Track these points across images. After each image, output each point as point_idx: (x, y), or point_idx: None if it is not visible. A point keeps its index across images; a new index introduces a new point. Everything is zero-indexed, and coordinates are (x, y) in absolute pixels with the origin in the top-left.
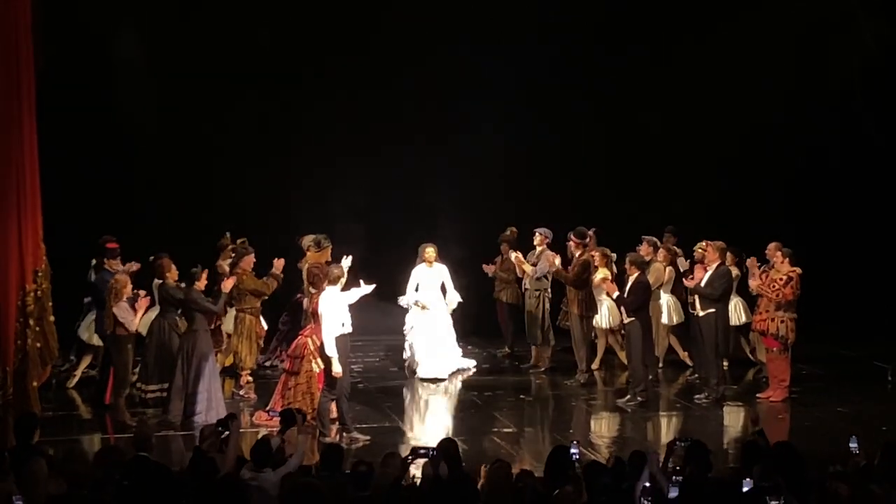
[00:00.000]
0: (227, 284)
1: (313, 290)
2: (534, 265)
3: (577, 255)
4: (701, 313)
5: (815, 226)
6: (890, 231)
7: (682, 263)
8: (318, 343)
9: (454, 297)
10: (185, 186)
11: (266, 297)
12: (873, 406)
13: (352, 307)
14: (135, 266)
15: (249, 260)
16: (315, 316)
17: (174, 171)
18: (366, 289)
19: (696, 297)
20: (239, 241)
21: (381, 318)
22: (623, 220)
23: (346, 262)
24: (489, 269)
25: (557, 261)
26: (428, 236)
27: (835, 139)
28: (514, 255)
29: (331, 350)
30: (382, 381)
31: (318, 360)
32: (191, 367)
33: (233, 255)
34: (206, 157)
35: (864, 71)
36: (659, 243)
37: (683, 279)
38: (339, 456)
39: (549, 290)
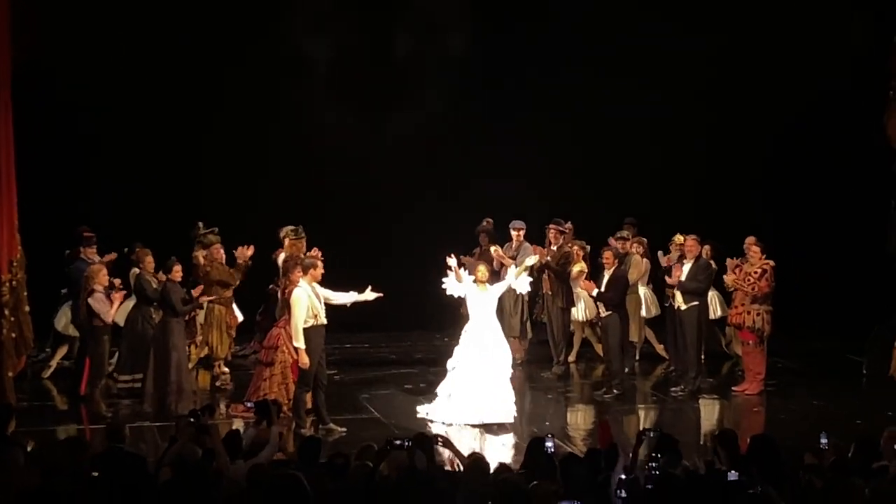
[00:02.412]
0: (197, 291)
1: (286, 280)
2: (512, 258)
3: (557, 244)
4: (684, 307)
5: (790, 219)
6: (866, 225)
7: (666, 259)
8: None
9: (522, 285)
10: (162, 176)
11: (233, 287)
12: (848, 399)
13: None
14: (111, 256)
15: (218, 249)
16: (288, 307)
17: (151, 161)
18: (367, 295)
19: (678, 290)
20: (208, 231)
21: None
22: (593, 214)
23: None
24: (468, 260)
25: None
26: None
27: (816, 133)
28: (494, 249)
29: (299, 341)
30: (359, 372)
31: (292, 350)
32: (162, 358)
33: (199, 244)
34: (183, 146)
35: (853, 67)
36: (630, 236)
37: (666, 277)
38: (318, 448)
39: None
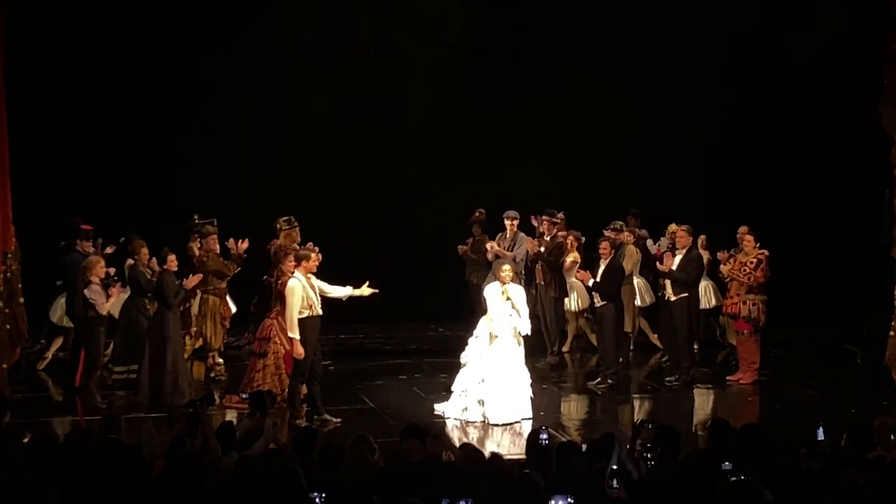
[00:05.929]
0: (191, 283)
1: (278, 271)
2: (508, 248)
3: (548, 235)
4: (673, 298)
5: (784, 208)
6: (861, 215)
7: (656, 248)
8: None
9: (524, 326)
10: (158, 167)
11: (228, 278)
12: (842, 388)
13: None
14: (109, 249)
15: (214, 240)
16: (282, 297)
17: (147, 152)
18: (363, 291)
19: (668, 281)
20: (206, 221)
21: None
22: (587, 204)
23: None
24: (462, 249)
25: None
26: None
27: (813, 123)
28: (489, 245)
29: (294, 332)
30: (354, 363)
31: (285, 341)
32: (158, 349)
33: (195, 234)
34: (178, 138)
35: (824, 54)
36: (625, 226)
37: (657, 263)
38: (314, 439)
39: (523, 272)
